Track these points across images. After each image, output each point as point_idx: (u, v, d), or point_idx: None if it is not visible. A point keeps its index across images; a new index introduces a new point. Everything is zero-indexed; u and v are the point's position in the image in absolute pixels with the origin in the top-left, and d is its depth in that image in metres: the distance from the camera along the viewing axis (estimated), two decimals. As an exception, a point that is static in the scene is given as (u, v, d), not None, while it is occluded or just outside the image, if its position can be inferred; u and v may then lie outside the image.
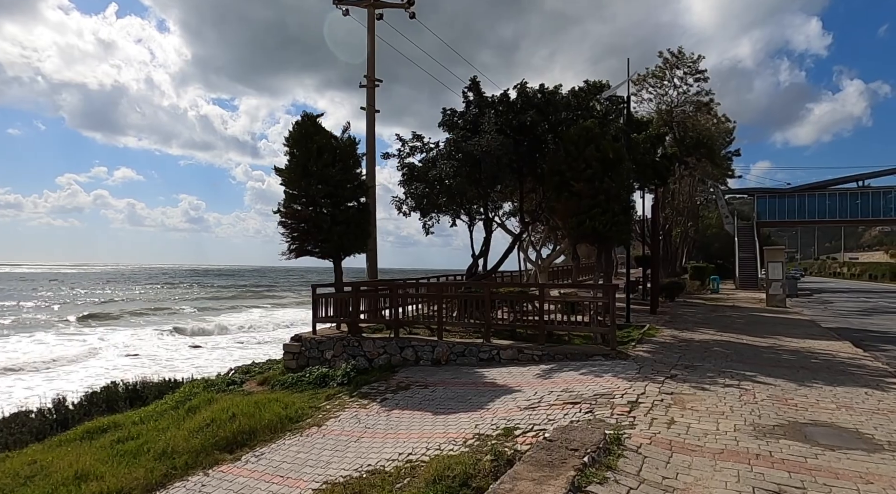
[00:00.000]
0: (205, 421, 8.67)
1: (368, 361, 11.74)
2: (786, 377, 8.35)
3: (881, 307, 26.47)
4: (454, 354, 11.04)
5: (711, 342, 12.15)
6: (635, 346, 10.99)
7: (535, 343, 10.74)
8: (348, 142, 12.40)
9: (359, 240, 12.50)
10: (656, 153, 20.12)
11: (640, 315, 17.98)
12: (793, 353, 10.91)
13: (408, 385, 9.82)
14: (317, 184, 11.80)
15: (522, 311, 11.80)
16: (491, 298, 11.17)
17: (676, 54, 33.58)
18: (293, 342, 12.67)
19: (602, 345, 10.56)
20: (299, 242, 12.22)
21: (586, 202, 11.27)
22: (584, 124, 11.87)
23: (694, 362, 9.56)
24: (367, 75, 16.35)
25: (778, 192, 50.37)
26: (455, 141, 11.71)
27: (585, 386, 7.86)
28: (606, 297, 10.36)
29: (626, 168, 11.77)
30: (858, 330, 16.45)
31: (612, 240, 11.53)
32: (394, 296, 12.03)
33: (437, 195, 12.13)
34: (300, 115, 12.17)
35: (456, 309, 12.06)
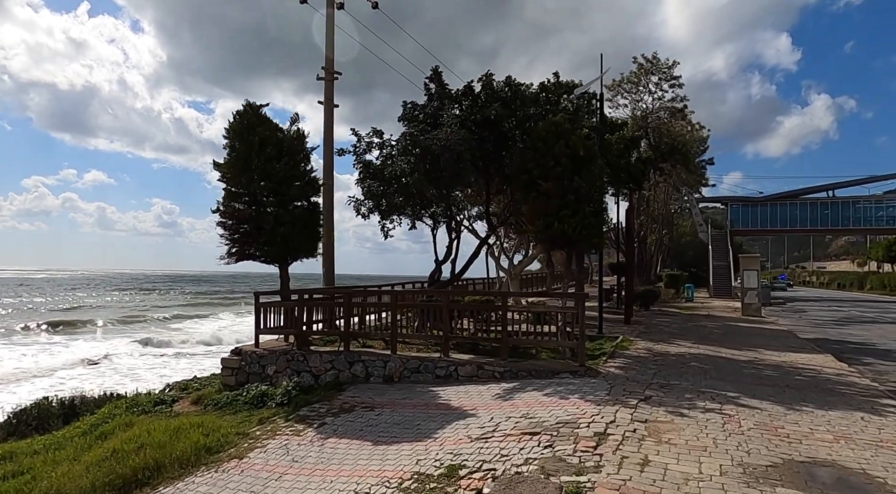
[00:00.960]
0: (106, 453, 7.39)
1: (314, 378, 10.55)
2: (772, 398, 7.46)
3: (855, 316, 26.25)
4: (408, 370, 9.93)
5: (688, 355, 11.30)
6: (607, 361, 10.05)
7: (497, 357, 9.71)
8: (296, 134, 11.25)
9: (307, 242, 11.33)
10: (631, 156, 19.43)
11: (613, 325, 17.13)
12: (775, 368, 10.10)
13: (352, 406, 8.68)
14: (259, 180, 10.62)
15: (487, 322, 10.77)
16: (450, 308, 10.10)
17: (651, 60, 33.29)
18: (233, 356, 11.41)
19: (571, 360, 9.59)
20: (240, 245, 11.00)
21: (555, 202, 10.33)
22: (554, 119, 10.96)
23: (670, 380, 8.63)
24: (325, 67, 15.23)
25: (751, 201, 50.68)
26: (411, 134, 10.69)
27: (548, 411, 6.84)
28: (575, 307, 9.39)
29: (599, 167, 10.89)
30: (838, 342, 15.87)
31: (582, 245, 10.60)
32: (345, 306, 10.88)
33: (392, 194, 11.06)
34: (242, 104, 10.99)
35: (417, 320, 10.99)
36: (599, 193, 10.66)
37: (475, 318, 11.02)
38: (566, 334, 9.80)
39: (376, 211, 12.55)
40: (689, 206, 51.05)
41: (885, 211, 46.47)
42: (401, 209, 11.60)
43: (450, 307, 10.10)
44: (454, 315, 10.25)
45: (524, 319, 10.24)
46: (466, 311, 10.49)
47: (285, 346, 11.22)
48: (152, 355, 27.38)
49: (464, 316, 10.85)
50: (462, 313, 10.38)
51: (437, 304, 10.42)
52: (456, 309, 10.19)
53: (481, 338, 10.07)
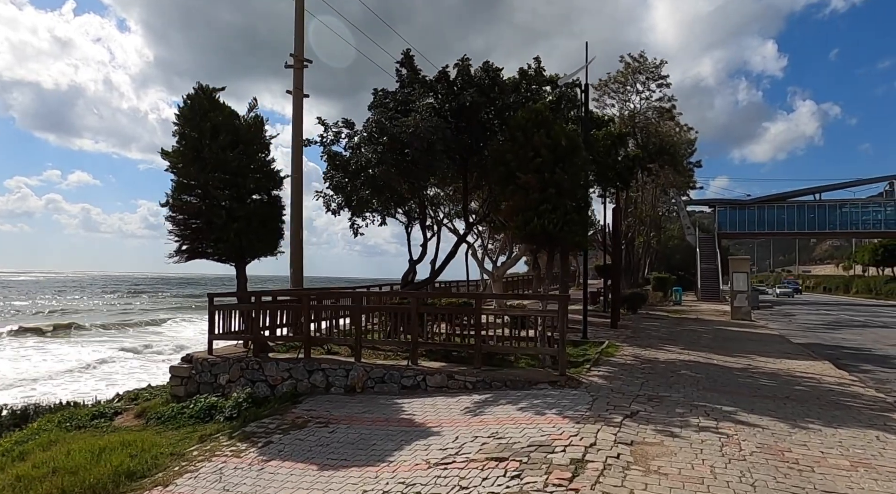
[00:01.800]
0: (10, 480, 6.37)
1: (270, 388, 9.58)
2: (773, 413, 6.65)
3: (845, 320, 25.77)
4: (372, 380, 9.00)
5: (679, 363, 10.50)
6: (590, 369, 9.20)
7: (471, 366, 8.83)
8: (253, 121, 10.32)
9: (266, 239, 10.39)
10: (618, 154, 18.69)
11: (599, 329, 16.34)
12: (772, 377, 9.32)
13: (306, 421, 7.73)
14: (211, 170, 9.66)
15: (461, 328, 9.88)
16: (420, 312, 9.20)
17: (638, 59, 32.70)
18: (183, 363, 10.39)
19: (551, 369, 8.73)
20: (191, 242, 10.04)
21: (534, 196, 9.49)
22: (534, 107, 10.13)
23: (659, 391, 7.80)
24: (294, 54, 14.31)
25: (738, 204, 50.45)
26: (377, 121, 9.79)
27: (521, 430, 5.96)
28: (556, 311, 8.54)
29: (582, 159, 10.07)
30: (832, 347, 15.20)
31: (563, 243, 9.76)
32: (304, 309, 9.92)
33: (359, 187, 10.15)
34: (193, 87, 10.02)
35: (390, 325, 10.06)
36: (583, 188, 9.86)
37: (450, 323, 10.12)
38: (546, 340, 8.95)
39: (347, 206, 11.61)
40: (677, 209, 50.71)
41: (871, 214, 46.46)
42: (368, 204, 10.67)
43: (419, 311, 9.19)
44: (425, 319, 9.34)
45: (504, 324, 9.37)
46: (439, 315, 9.58)
47: (241, 353, 10.24)
48: (134, 359, 26.12)
49: (437, 321, 9.95)
50: (434, 317, 9.48)
51: (405, 308, 9.51)
52: (426, 313, 9.29)
53: (453, 345, 9.17)
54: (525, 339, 9.19)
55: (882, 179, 47.21)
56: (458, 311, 9.61)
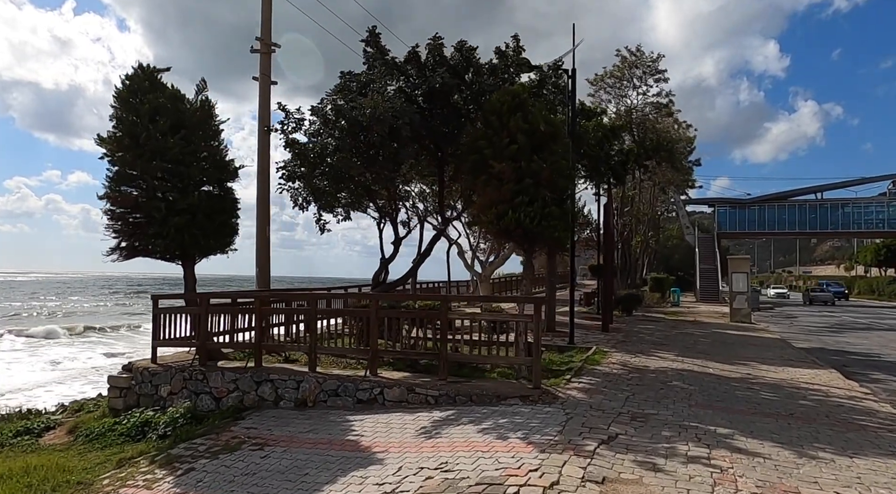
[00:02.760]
0: None
1: (215, 401, 8.60)
2: (775, 437, 5.67)
3: (848, 322, 24.78)
4: (325, 393, 8.02)
5: (670, 372, 9.51)
6: (570, 380, 8.21)
7: (436, 377, 7.85)
8: (201, 105, 9.34)
9: (214, 235, 9.42)
10: (611, 147, 17.70)
11: (590, 333, 15.38)
12: (774, 389, 8.33)
13: (241, 442, 6.75)
14: (150, 158, 8.68)
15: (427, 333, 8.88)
16: (379, 316, 8.21)
17: (635, 53, 31.72)
18: (123, 372, 9.43)
19: (525, 381, 7.75)
20: (129, 238, 9.06)
21: (508, 187, 8.52)
22: (510, 88, 9.17)
23: (646, 408, 6.82)
24: (260, 38, 13.34)
25: (738, 203, 49.47)
26: (334, 102, 8.82)
27: (474, 460, 4.97)
28: (530, 316, 7.55)
29: (564, 146, 9.10)
30: (837, 352, 14.22)
31: (542, 239, 8.78)
32: (256, 313, 8.94)
33: (319, 178, 9.18)
34: (133, 67, 9.05)
35: (356, 331, 9.07)
36: (565, 178, 8.88)
37: (420, 328, 9.13)
38: (523, 348, 7.96)
39: (317, 201, 10.63)
40: (676, 208, 49.72)
41: (873, 214, 45.46)
42: (332, 197, 9.69)
43: (379, 315, 8.21)
44: (387, 325, 8.35)
45: (474, 329, 8.39)
46: (402, 320, 8.57)
47: (186, 362, 9.26)
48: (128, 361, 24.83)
49: (402, 326, 8.95)
50: (398, 322, 8.47)
51: (363, 311, 8.53)
52: (387, 318, 8.30)
53: (415, 353, 8.18)
54: (497, 344, 8.19)
55: (885, 178, 46.21)
56: (423, 315, 8.59)
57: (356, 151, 8.85)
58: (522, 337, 7.68)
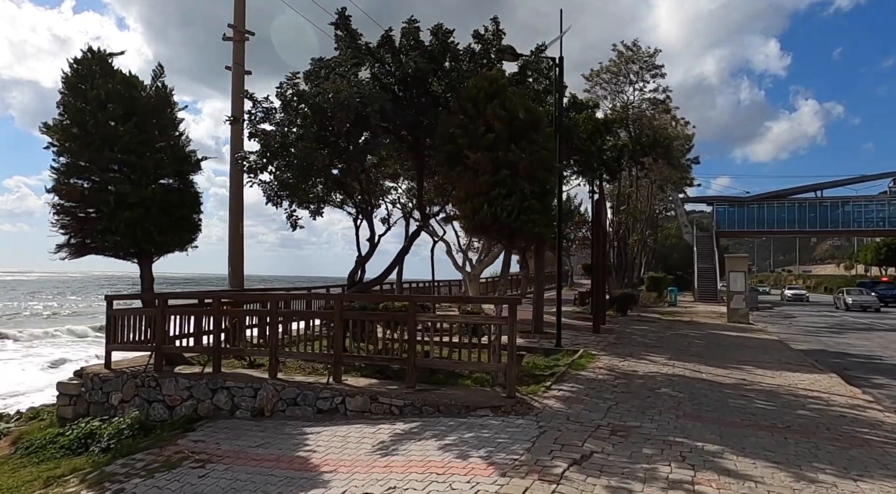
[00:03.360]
0: None
1: (168, 410, 7.99)
2: (770, 456, 5.05)
3: (848, 322, 24.18)
4: (284, 401, 7.40)
5: (660, 377, 8.90)
6: (551, 387, 7.59)
7: (404, 384, 7.23)
8: (156, 92, 8.71)
9: (172, 232, 8.80)
10: (604, 142, 17.06)
11: (581, 334, 14.76)
12: (770, 397, 7.72)
13: (182, 459, 6.14)
14: (98, 148, 8.06)
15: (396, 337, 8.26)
16: (344, 318, 7.59)
17: (631, 47, 31.09)
18: (74, 378, 8.81)
19: (500, 389, 7.13)
20: (78, 234, 8.44)
21: (484, 179, 7.90)
22: (488, 74, 8.54)
23: (628, 419, 6.21)
24: (233, 25, 12.71)
25: (737, 201, 48.84)
26: (294, 86, 8.20)
27: (425, 485, 4.37)
28: (505, 318, 6.93)
29: (545, 135, 8.48)
30: (837, 354, 13.62)
31: (521, 234, 8.16)
32: (213, 314, 8.31)
33: (283, 169, 8.56)
34: (82, 49, 8.43)
35: (344, 332, 8.43)
36: (547, 170, 8.26)
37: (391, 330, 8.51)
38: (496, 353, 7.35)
39: (290, 196, 10.00)
40: (674, 206, 49.10)
41: (874, 212, 44.84)
42: (296, 190, 9.05)
43: (344, 317, 7.59)
44: (351, 327, 7.74)
45: (451, 331, 7.77)
46: (368, 322, 7.93)
47: (140, 368, 8.63)
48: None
49: (373, 329, 8.33)
50: (363, 325, 7.84)
51: (328, 313, 7.92)
52: (352, 320, 7.67)
53: (381, 358, 7.55)
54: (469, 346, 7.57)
55: (885, 176, 45.57)
56: (389, 318, 7.95)
57: (322, 140, 8.22)
58: (497, 341, 7.06)
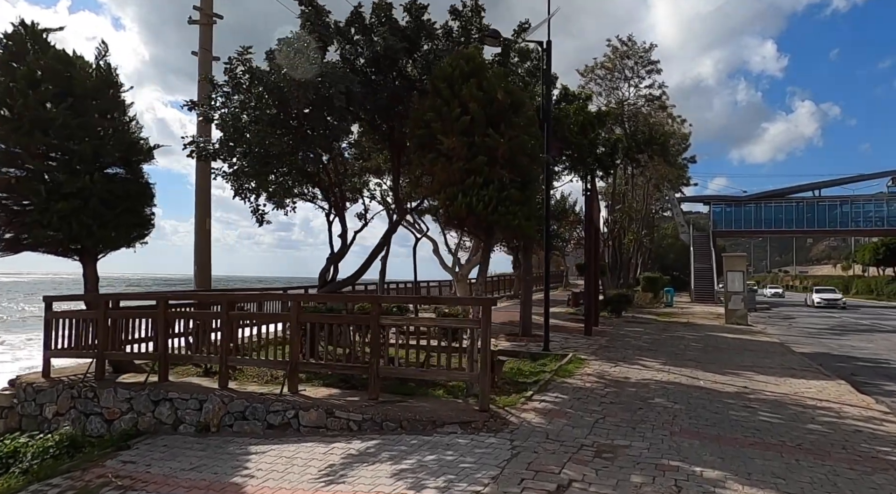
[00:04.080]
0: None
1: (107, 423, 7.18)
2: (781, 484, 4.28)
3: (849, 323, 23.49)
4: (232, 415, 6.59)
5: (654, 385, 8.12)
6: (531, 399, 6.80)
7: (366, 395, 6.43)
8: (97, 70, 7.89)
9: (117, 226, 7.97)
10: (596, 135, 16.30)
11: (572, 337, 13.99)
12: (776, 408, 6.94)
13: (103, 485, 5.33)
14: (28, 131, 7.24)
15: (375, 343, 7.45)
16: (300, 322, 6.79)
17: (626, 42, 30.41)
18: (7, 388, 7.98)
19: (474, 400, 6.34)
20: (9, 228, 7.61)
21: (459, 166, 7.12)
22: (464, 51, 7.76)
23: (616, 437, 5.42)
24: (199, 7, 11.92)
25: (734, 200, 48.25)
26: (246, 62, 7.40)
27: (364, 527, 3.57)
28: (477, 321, 6.14)
29: (527, 119, 7.70)
30: (842, 357, 12.88)
31: (499, 228, 7.38)
32: (160, 317, 7.48)
33: (239, 157, 7.75)
34: (12, 23, 7.60)
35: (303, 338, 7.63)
36: (529, 157, 7.48)
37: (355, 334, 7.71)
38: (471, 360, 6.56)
39: (257, 189, 9.19)
40: (670, 206, 48.42)
41: (873, 211, 44.25)
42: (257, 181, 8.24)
43: (300, 320, 6.79)
44: (310, 331, 6.94)
45: (419, 336, 6.98)
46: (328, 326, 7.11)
47: (78, 377, 7.80)
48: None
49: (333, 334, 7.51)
50: (322, 328, 7.03)
51: (283, 316, 7.12)
52: (310, 323, 6.87)
53: (341, 366, 6.73)
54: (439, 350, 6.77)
55: (884, 175, 44.99)
56: (349, 321, 7.12)
57: (279, 124, 7.42)
58: (470, 347, 6.27)
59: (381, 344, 6.46)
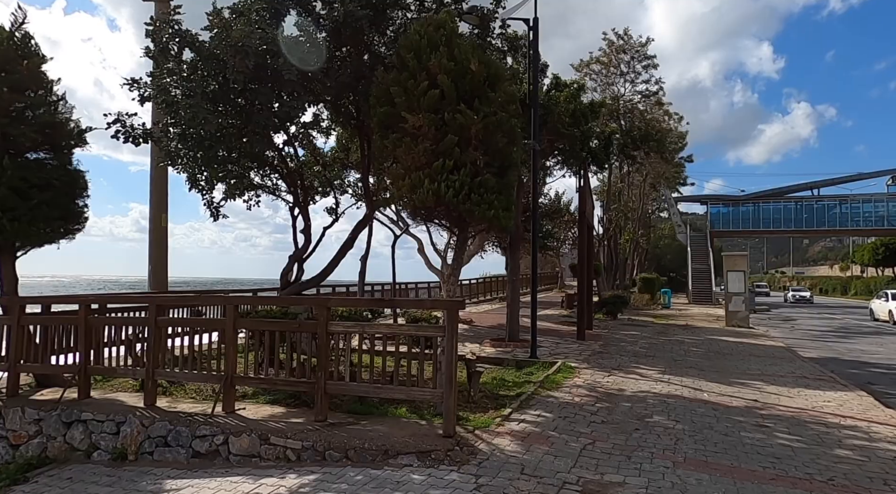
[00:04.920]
0: None
1: (13, 448, 6.12)
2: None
3: (853, 326, 22.57)
4: (152, 440, 5.55)
5: (652, 399, 7.13)
6: (509, 418, 5.80)
7: (315, 414, 5.41)
8: (8, 39, 6.86)
9: (35, 220, 6.92)
10: (590, 128, 15.34)
11: (563, 341, 13.03)
12: (794, 428, 5.96)
13: (-28, 532, 4.28)
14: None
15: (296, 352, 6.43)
16: (236, 328, 5.77)
17: (623, 36, 29.47)
18: None
19: (440, 421, 5.32)
20: None
21: (425, 147, 6.12)
22: (434, 17, 6.77)
23: (606, 470, 4.43)
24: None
25: (732, 200, 47.43)
26: (175, 25, 6.38)
27: None
28: (443, 328, 5.13)
29: (507, 95, 6.70)
30: (854, 363, 11.92)
31: (473, 219, 6.37)
32: (82, 323, 6.44)
33: (179, 139, 6.74)
34: None
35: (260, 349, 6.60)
36: (507, 138, 6.49)
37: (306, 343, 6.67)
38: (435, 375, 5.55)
39: (186, 170, 8.10)
40: (667, 205, 47.56)
41: (872, 211, 43.45)
42: (201, 166, 7.20)
43: (237, 326, 5.76)
44: (252, 339, 5.92)
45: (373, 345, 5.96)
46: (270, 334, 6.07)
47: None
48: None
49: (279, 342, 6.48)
50: (263, 336, 6.00)
51: (217, 322, 6.10)
52: (251, 331, 5.86)
53: (283, 381, 5.70)
54: (396, 362, 5.77)
55: (884, 174, 44.25)
56: (293, 328, 6.03)
57: (216, 99, 6.40)
58: (434, 359, 5.27)
59: (330, 355, 5.43)
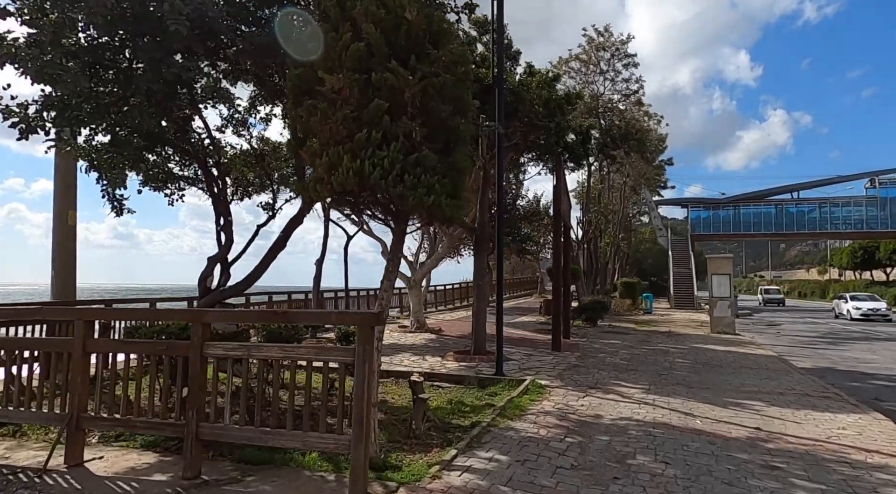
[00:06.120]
0: None
1: None
2: None
3: (839, 331, 21.77)
4: (-39, 506, 4.08)
5: (634, 429, 5.84)
6: (452, 463, 4.45)
7: (187, 465, 4.01)
8: None
9: None
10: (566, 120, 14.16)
11: (536, 352, 11.77)
12: (812, 471, 4.71)
13: None
14: None
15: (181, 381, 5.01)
16: (87, 352, 4.34)
17: (603, 32, 28.60)
18: None
19: (346, 473, 3.95)
20: None
21: (345, 115, 4.76)
22: (362, -43, 5.43)
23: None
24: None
25: (713, 203, 47.02)
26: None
27: None
28: (352, 350, 3.77)
29: (455, 55, 5.37)
30: (851, 374, 10.85)
31: (410, 207, 5.02)
32: None
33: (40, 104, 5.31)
34: None
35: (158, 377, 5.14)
36: (453, 107, 5.19)
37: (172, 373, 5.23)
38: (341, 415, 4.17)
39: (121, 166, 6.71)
40: (647, 208, 46.91)
41: (852, 213, 43.32)
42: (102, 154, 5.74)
43: (88, 350, 4.33)
44: (100, 365, 4.49)
45: (261, 377, 4.57)
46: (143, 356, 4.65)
47: None
48: None
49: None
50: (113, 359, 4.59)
51: (62, 343, 4.65)
52: (102, 354, 4.45)
53: (144, 423, 4.27)
54: (292, 395, 4.40)
55: (863, 176, 44.19)
56: (162, 350, 4.58)
57: (79, 55, 4.98)
58: (339, 394, 3.90)
59: (206, 387, 4.04)
